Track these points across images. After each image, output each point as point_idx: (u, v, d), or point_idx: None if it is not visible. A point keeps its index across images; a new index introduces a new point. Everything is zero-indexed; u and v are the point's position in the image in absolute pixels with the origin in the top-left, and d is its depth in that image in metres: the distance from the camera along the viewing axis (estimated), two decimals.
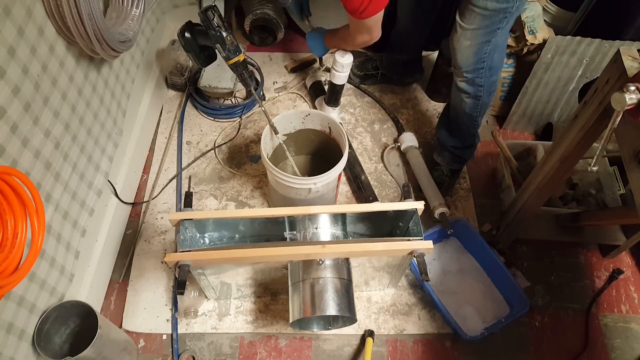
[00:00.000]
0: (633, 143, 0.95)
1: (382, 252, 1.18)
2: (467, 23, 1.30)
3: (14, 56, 1.00)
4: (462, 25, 1.32)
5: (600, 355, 1.47)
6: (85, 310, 1.19)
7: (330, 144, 1.56)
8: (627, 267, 1.63)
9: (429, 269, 1.52)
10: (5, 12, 0.97)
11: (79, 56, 1.28)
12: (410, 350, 1.46)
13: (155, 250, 1.60)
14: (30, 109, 1.07)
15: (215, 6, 1.27)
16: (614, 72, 0.98)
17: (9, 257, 0.90)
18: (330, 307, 1.15)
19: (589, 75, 1.66)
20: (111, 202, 1.55)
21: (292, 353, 1.44)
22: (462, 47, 1.36)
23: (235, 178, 1.78)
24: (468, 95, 1.48)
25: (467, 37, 1.33)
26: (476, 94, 1.46)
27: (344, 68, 1.62)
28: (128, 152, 1.66)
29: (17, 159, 1.04)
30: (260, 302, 1.51)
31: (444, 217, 1.57)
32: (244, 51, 1.37)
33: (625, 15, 1.58)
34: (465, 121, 1.57)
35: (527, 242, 1.66)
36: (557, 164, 1.22)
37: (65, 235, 1.26)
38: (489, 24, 1.28)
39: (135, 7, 1.44)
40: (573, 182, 1.69)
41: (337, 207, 1.26)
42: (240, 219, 1.28)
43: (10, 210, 0.91)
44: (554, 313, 1.54)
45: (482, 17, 1.27)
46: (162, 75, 1.94)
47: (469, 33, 1.32)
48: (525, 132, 1.95)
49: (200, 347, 1.44)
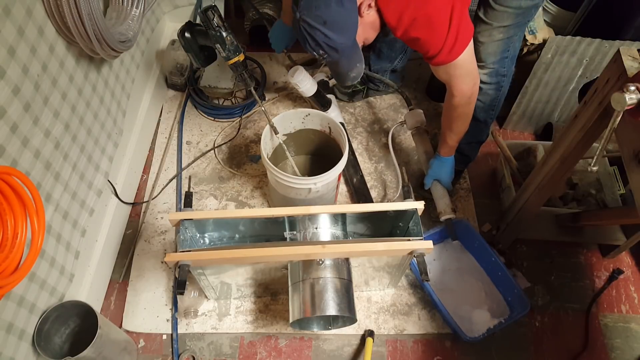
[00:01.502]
0: (633, 143, 0.95)
1: (382, 252, 1.18)
2: (497, 21, 1.28)
3: (14, 56, 1.00)
4: (491, 23, 1.29)
5: (600, 355, 1.47)
6: (85, 310, 1.19)
7: (330, 144, 1.56)
8: (627, 267, 1.63)
9: (429, 269, 1.52)
10: (5, 12, 0.97)
11: (79, 56, 1.28)
12: (410, 350, 1.46)
13: (155, 250, 1.60)
14: (30, 109, 1.07)
15: (215, 6, 1.27)
16: (614, 72, 0.98)
17: (9, 257, 0.89)
18: (330, 307, 1.15)
19: (589, 75, 1.66)
20: (111, 202, 1.55)
21: (292, 353, 1.44)
22: (491, 42, 1.33)
23: (235, 178, 1.78)
24: (490, 86, 1.46)
25: (499, 32, 1.31)
26: (499, 83, 1.46)
27: (302, 83, 1.60)
28: (128, 152, 1.66)
29: (17, 159, 1.04)
30: (260, 302, 1.51)
31: (450, 224, 1.54)
32: (244, 51, 1.37)
33: (625, 15, 1.58)
34: (482, 115, 1.55)
35: (527, 242, 1.66)
36: (557, 164, 1.22)
37: (65, 235, 1.26)
38: (522, 19, 1.28)
39: (135, 7, 1.44)
40: (573, 182, 1.69)
41: (337, 207, 1.26)
42: (240, 219, 1.28)
43: (10, 210, 0.91)
44: (554, 313, 1.54)
45: (515, 15, 1.26)
46: (162, 75, 1.94)
47: (500, 29, 1.30)
48: (525, 132, 1.95)
49: (200, 347, 1.44)
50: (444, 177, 1.54)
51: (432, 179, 1.56)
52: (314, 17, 1.03)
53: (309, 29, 1.05)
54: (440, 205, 1.56)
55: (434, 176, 1.55)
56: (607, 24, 1.61)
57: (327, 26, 1.04)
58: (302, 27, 1.05)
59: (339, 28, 1.06)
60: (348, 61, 1.15)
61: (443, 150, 1.49)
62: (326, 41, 1.06)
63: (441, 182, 1.56)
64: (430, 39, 1.12)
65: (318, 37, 1.06)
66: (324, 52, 1.09)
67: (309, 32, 1.05)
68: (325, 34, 1.04)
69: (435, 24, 1.09)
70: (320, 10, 1.02)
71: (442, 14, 1.08)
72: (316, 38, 1.06)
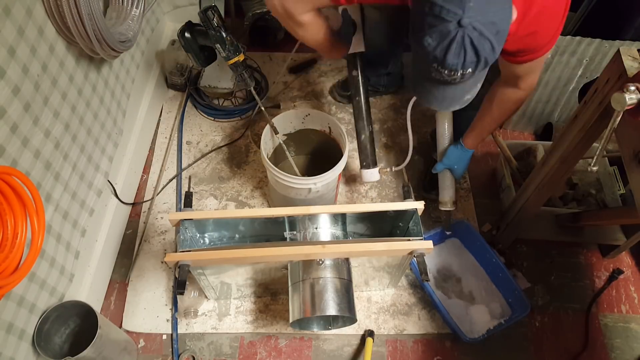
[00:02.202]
0: (633, 143, 0.95)
1: (382, 252, 1.18)
2: None
3: (14, 56, 1.00)
4: None
5: (600, 355, 1.47)
6: (85, 310, 1.19)
7: (330, 144, 1.56)
8: (627, 267, 1.63)
9: (430, 269, 1.52)
10: (5, 12, 0.97)
11: (79, 56, 1.28)
12: (410, 350, 1.46)
13: (155, 250, 1.60)
14: (30, 109, 1.07)
15: (215, 6, 1.27)
16: (614, 72, 0.98)
17: (9, 257, 0.89)
18: (330, 307, 1.15)
19: (589, 75, 1.66)
20: (111, 202, 1.55)
21: (292, 353, 1.44)
22: None
23: (235, 178, 1.78)
24: None
25: None
26: None
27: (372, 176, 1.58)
28: (128, 152, 1.66)
29: (17, 159, 1.04)
30: (260, 302, 1.51)
31: (447, 215, 1.53)
32: (244, 51, 1.37)
33: (625, 15, 1.58)
34: None
35: (527, 242, 1.66)
36: (557, 164, 1.22)
37: (65, 235, 1.26)
38: None
39: (135, 7, 1.44)
40: (573, 182, 1.69)
41: (337, 207, 1.26)
42: (240, 219, 1.28)
43: (10, 210, 0.91)
44: (554, 313, 1.54)
45: None
46: (162, 75, 1.94)
47: None
48: (525, 132, 1.95)
49: (200, 347, 1.44)
50: (458, 169, 1.46)
51: (445, 166, 1.47)
52: (487, 25, 0.78)
53: (477, 40, 0.78)
54: (445, 195, 1.51)
55: (448, 164, 1.46)
56: (607, 24, 1.60)
57: (498, 36, 0.80)
58: (469, 36, 0.77)
59: (502, 39, 0.83)
60: (477, 80, 0.91)
61: (471, 141, 1.38)
62: (488, 56, 0.81)
63: (453, 172, 1.49)
64: (544, 31, 0.97)
65: (484, 50, 0.80)
66: (473, 69, 0.83)
67: (476, 43, 0.79)
68: (493, 46, 0.80)
69: (553, 12, 0.95)
70: (496, 15, 0.79)
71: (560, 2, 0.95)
72: (481, 51, 0.80)
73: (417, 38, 0.82)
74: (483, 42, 0.79)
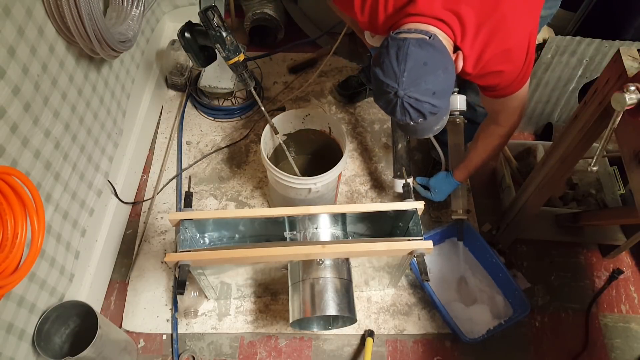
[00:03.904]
0: (633, 143, 0.95)
1: (382, 252, 1.18)
2: None
3: (14, 56, 1.00)
4: None
5: (600, 355, 1.47)
6: (85, 310, 1.19)
7: (330, 144, 1.56)
8: (627, 267, 1.63)
9: (430, 269, 1.52)
10: (5, 12, 0.97)
11: (79, 56, 1.28)
12: (410, 350, 1.46)
13: (155, 250, 1.60)
14: (30, 109, 1.07)
15: (215, 6, 1.27)
16: (614, 72, 0.98)
17: (9, 257, 0.90)
18: (330, 307, 1.15)
19: (589, 75, 1.66)
20: (111, 202, 1.55)
21: (292, 353, 1.44)
22: None
23: (235, 178, 1.78)
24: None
25: None
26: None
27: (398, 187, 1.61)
28: (128, 152, 1.66)
29: (17, 159, 1.04)
30: (260, 302, 1.51)
31: (460, 224, 1.54)
32: (244, 51, 1.37)
33: (625, 15, 1.58)
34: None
35: (527, 242, 1.66)
36: (557, 164, 1.22)
37: (65, 235, 1.26)
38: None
39: (135, 7, 1.44)
40: (573, 182, 1.69)
41: (337, 207, 1.26)
42: (240, 219, 1.28)
43: (10, 210, 0.91)
44: (554, 313, 1.54)
45: None
46: (162, 75, 1.94)
47: None
48: (525, 132, 1.95)
49: (200, 347, 1.44)
50: (439, 193, 1.53)
51: (427, 185, 1.55)
52: (422, 92, 0.93)
53: (415, 104, 0.94)
54: (456, 204, 1.53)
55: (432, 185, 1.53)
56: (607, 24, 1.60)
57: (436, 96, 0.95)
58: (407, 102, 0.94)
59: (445, 94, 0.98)
60: (438, 118, 1.03)
61: (461, 174, 1.45)
62: (432, 110, 0.96)
63: (432, 193, 1.54)
64: (507, 71, 1.05)
65: (424, 109, 0.95)
66: (423, 120, 0.98)
67: (415, 106, 0.94)
68: (433, 104, 0.95)
69: (514, 56, 1.03)
70: (429, 84, 0.93)
71: (522, 44, 1.02)
72: (422, 110, 0.95)
73: (375, 99, 1.02)
74: (421, 104, 0.94)
